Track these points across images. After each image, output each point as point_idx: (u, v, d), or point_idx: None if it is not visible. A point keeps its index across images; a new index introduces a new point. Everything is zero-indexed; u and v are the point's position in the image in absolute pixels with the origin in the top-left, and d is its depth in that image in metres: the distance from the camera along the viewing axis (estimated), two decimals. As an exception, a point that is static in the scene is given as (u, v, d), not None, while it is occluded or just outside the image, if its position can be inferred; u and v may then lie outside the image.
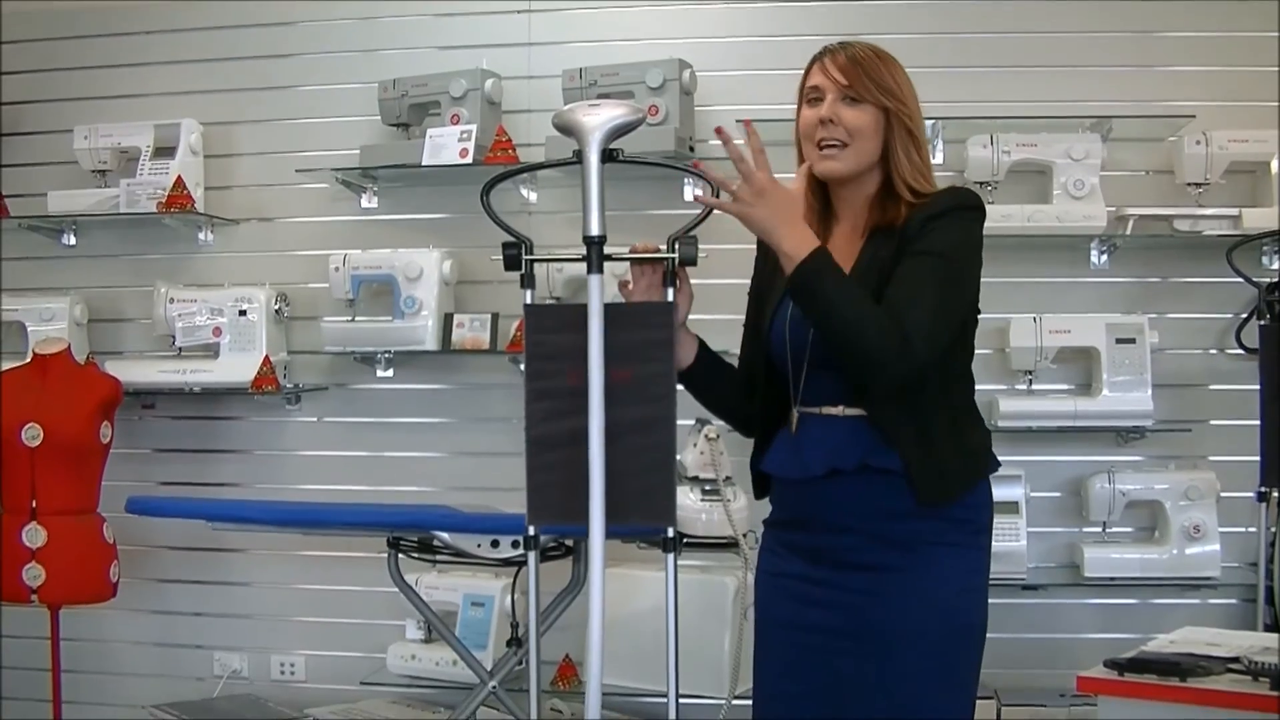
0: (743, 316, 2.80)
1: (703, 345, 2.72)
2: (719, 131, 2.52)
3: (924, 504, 2.47)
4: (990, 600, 4.34)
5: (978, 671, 2.59)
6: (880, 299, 2.43)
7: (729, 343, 2.83)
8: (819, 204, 2.63)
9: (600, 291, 2.57)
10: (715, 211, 2.70)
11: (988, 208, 4.04)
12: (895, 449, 2.48)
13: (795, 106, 2.62)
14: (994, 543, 3.99)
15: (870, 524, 2.51)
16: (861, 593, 2.51)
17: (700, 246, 2.65)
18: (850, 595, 2.52)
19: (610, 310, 2.59)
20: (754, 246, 2.73)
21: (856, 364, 2.45)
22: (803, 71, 2.61)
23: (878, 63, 2.55)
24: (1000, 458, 4.18)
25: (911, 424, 2.48)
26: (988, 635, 3.87)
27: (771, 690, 2.64)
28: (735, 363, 2.81)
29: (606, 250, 2.54)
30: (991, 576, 4.04)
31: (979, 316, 2.66)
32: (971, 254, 2.54)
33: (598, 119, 2.58)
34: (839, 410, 2.54)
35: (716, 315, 2.99)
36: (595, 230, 2.57)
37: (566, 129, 2.64)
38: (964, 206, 2.54)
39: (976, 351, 4.30)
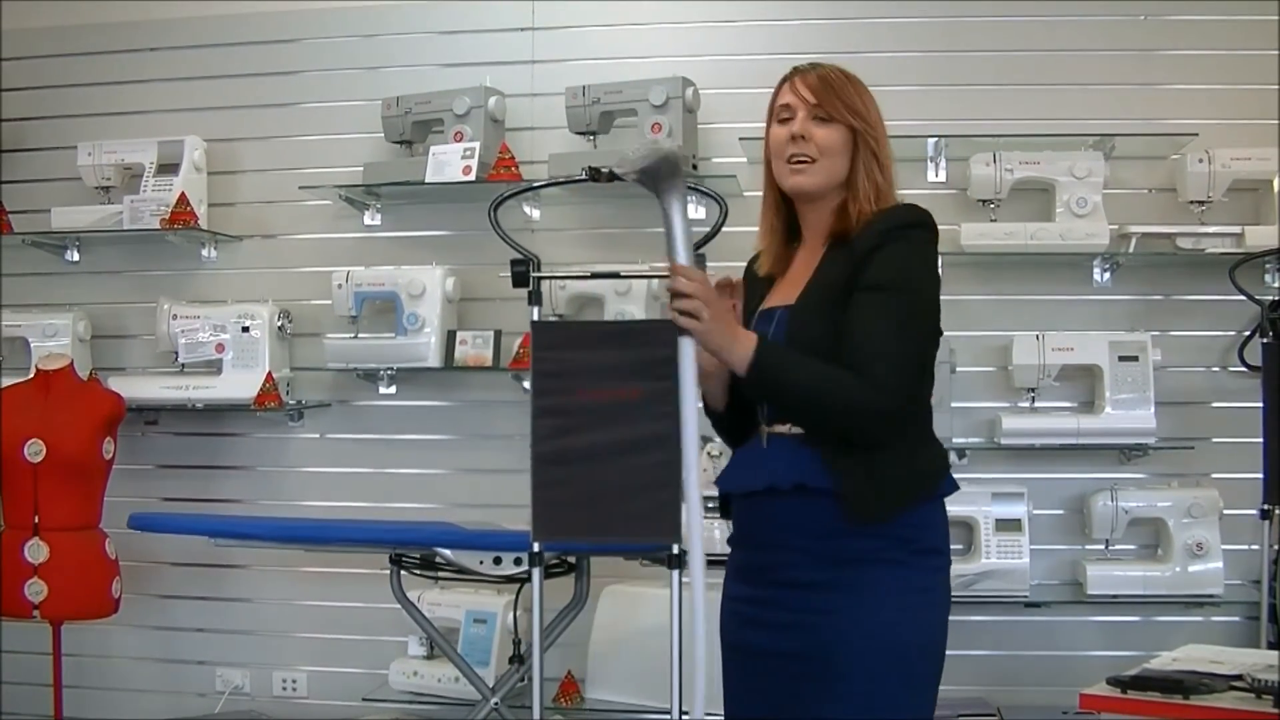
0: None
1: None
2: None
3: (855, 524, 2.43)
4: (994, 617, 4.34)
5: (929, 691, 2.52)
6: (827, 314, 2.44)
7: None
8: (781, 224, 2.63)
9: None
10: (722, 230, 2.72)
11: (991, 225, 4.15)
12: (831, 469, 2.45)
13: (765, 125, 2.61)
14: (997, 560, 4.07)
15: (805, 541, 2.48)
16: (800, 611, 2.47)
17: (708, 264, 2.66)
18: (790, 614, 2.48)
19: (618, 327, 2.60)
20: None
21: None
22: (773, 91, 2.61)
23: (846, 84, 2.56)
24: (1003, 475, 4.23)
25: (854, 445, 2.45)
26: (990, 652, 3.86)
27: (736, 715, 2.60)
28: None
29: (617, 269, 2.56)
30: (995, 593, 4.08)
31: (940, 337, 2.59)
32: (926, 279, 2.49)
33: None
34: (787, 429, 2.53)
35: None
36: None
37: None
38: (913, 224, 2.49)
39: (978, 369, 4.34)
